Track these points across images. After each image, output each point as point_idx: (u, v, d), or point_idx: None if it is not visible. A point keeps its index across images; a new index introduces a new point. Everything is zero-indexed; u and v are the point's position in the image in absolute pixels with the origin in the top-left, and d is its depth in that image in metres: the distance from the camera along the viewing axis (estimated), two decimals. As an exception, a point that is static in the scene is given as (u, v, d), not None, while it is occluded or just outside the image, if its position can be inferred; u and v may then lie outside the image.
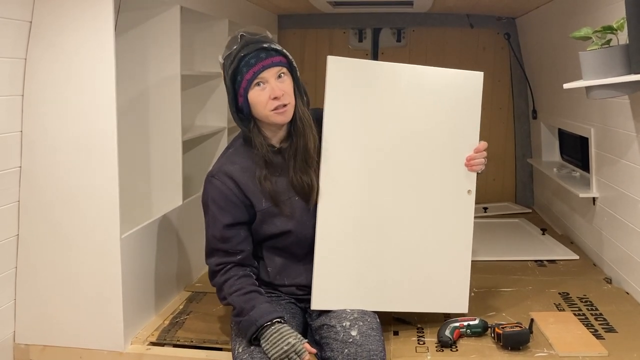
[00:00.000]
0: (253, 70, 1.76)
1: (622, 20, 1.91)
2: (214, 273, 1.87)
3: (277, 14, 3.98)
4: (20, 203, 2.09)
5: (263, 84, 1.78)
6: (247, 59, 1.77)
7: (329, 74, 1.85)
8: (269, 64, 1.78)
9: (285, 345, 1.67)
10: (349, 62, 1.90)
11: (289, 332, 1.70)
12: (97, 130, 2.02)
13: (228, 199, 1.84)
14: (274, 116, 1.79)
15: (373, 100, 1.92)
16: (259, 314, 1.73)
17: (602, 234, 2.69)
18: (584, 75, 1.99)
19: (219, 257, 1.86)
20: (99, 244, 2.06)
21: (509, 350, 1.91)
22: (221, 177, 1.85)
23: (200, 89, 3.10)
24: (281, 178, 1.88)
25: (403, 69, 1.96)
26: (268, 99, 1.77)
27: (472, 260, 2.77)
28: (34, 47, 2.02)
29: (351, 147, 1.91)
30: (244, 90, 1.79)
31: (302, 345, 1.69)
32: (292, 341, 1.68)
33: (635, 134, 2.26)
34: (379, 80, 1.93)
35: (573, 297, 2.36)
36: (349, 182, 1.91)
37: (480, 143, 1.99)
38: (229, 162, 1.88)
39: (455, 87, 1.98)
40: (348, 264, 1.92)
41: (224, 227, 1.84)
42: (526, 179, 4.07)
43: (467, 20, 3.94)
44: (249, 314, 1.74)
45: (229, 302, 1.83)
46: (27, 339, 2.14)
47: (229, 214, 1.84)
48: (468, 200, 2.02)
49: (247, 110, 1.83)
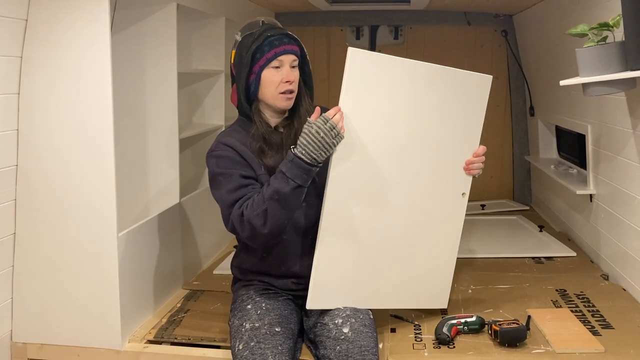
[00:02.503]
0: (275, 50, 1.85)
1: (618, 17, 1.91)
2: (240, 216, 1.76)
3: (274, 12, 3.98)
4: (16, 201, 2.08)
5: (279, 67, 1.86)
6: (272, 39, 1.86)
7: (349, 66, 1.82)
8: (290, 49, 1.87)
9: (319, 133, 1.71)
10: (369, 54, 1.87)
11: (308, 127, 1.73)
12: (94, 128, 2.02)
13: (234, 159, 1.85)
14: (280, 99, 1.88)
15: (387, 96, 1.88)
16: (281, 164, 1.75)
17: (599, 230, 2.69)
18: (581, 72, 1.99)
19: (238, 205, 1.78)
20: (96, 242, 2.05)
21: (506, 347, 1.91)
22: (221, 147, 1.88)
23: (197, 87, 3.10)
24: (277, 155, 1.89)
25: (419, 66, 1.91)
26: (280, 81, 1.85)
27: (470, 257, 2.80)
28: (30, 45, 2.02)
29: (362, 142, 1.86)
30: (259, 68, 1.86)
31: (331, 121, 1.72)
32: (319, 126, 1.71)
33: (632, 130, 2.26)
34: (395, 76, 1.88)
35: (570, 294, 2.36)
36: (357, 180, 1.88)
37: (480, 147, 2.00)
38: (226, 136, 1.92)
39: (465, 88, 1.96)
40: (346, 265, 1.92)
41: (240, 177, 1.82)
42: (524, 176, 4.08)
43: (464, 18, 3.94)
44: (278, 179, 1.72)
45: (265, 208, 1.72)
46: (25, 338, 2.14)
47: (240, 168, 1.84)
48: (461, 202, 2.03)
49: (253, 89, 1.89)
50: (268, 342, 1.76)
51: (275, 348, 1.74)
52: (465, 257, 2.74)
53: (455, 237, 2.06)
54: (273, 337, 1.78)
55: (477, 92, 1.98)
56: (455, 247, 2.07)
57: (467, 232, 2.39)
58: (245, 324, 1.83)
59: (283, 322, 1.85)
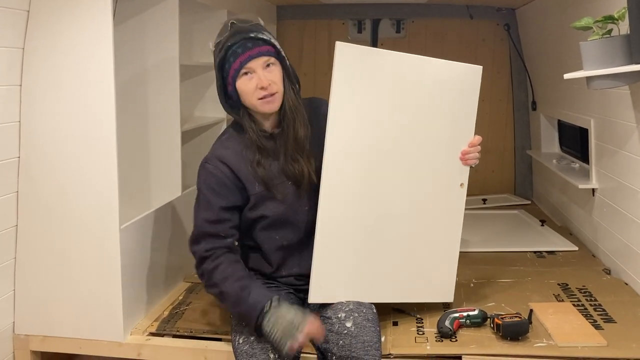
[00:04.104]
0: (240, 60, 1.77)
1: (623, 10, 1.90)
2: (203, 259, 1.80)
3: (276, 5, 3.96)
4: (19, 193, 2.08)
5: (250, 74, 1.79)
6: (234, 48, 1.78)
7: (337, 60, 1.82)
8: (256, 53, 1.78)
9: (284, 322, 1.66)
10: (357, 48, 1.87)
11: (287, 310, 1.69)
12: (96, 120, 2.01)
13: (222, 183, 1.83)
14: (261, 105, 1.81)
15: (377, 89, 1.90)
16: (257, 299, 1.71)
17: (601, 225, 2.69)
18: (585, 66, 1.98)
19: (209, 243, 1.81)
20: (98, 235, 2.05)
21: (508, 340, 1.91)
22: (214, 162, 1.85)
23: (199, 79, 3.09)
24: (274, 162, 1.87)
25: (408, 58, 1.94)
26: (255, 88, 1.78)
27: (472, 252, 2.80)
28: (32, 37, 2.01)
29: (355, 136, 1.88)
30: (232, 79, 1.81)
31: (301, 319, 1.66)
32: (289, 317, 1.66)
33: (636, 124, 2.25)
34: (384, 69, 1.90)
35: (572, 288, 2.36)
36: (352, 173, 1.89)
37: (475, 137, 2.00)
38: (222, 147, 1.89)
39: (455, 79, 1.98)
40: (346, 258, 1.92)
41: (220, 210, 1.82)
42: (525, 171, 4.07)
43: (466, 11, 3.92)
44: (247, 302, 1.71)
45: (221, 291, 1.77)
46: (27, 330, 2.14)
47: (224, 197, 1.83)
48: (460, 193, 2.03)
49: (236, 98, 1.84)
50: (269, 336, 1.75)
51: (275, 342, 1.74)
52: (467, 251, 2.74)
53: (456, 229, 2.06)
54: (274, 331, 1.77)
55: (468, 83, 2.00)
56: (457, 240, 2.07)
57: (468, 226, 2.39)
58: (245, 318, 1.83)
59: (284, 316, 1.85)
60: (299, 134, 1.85)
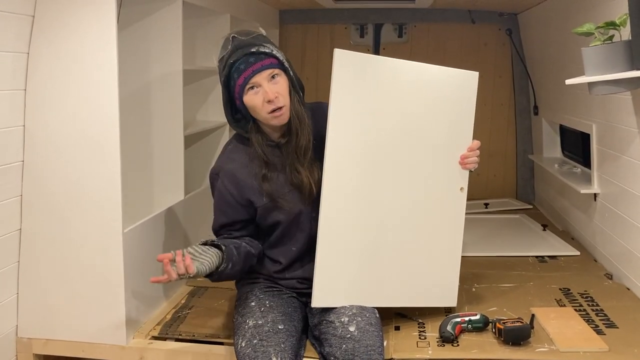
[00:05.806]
0: (244, 75, 1.79)
1: (625, 16, 1.91)
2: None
3: (278, 9, 3.98)
4: (22, 197, 2.09)
5: (256, 88, 1.80)
6: (237, 64, 1.80)
7: (335, 67, 1.84)
8: (259, 67, 1.79)
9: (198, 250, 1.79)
10: (355, 55, 1.89)
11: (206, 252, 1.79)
12: (100, 124, 2.02)
13: (226, 201, 1.92)
14: (271, 118, 1.83)
15: (376, 96, 1.92)
16: None
17: (603, 229, 2.69)
18: (587, 71, 1.99)
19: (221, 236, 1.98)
20: (101, 238, 2.06)
21: (510, 345, 1.91)
22: (221, 177, 1.91)
23: (202, 84, 3.10)
24: (281, 174, 1.90)
25: (406, 65, 1.97)
26: (263, 101, 1.80)
27: (474, 256, 2.80)
28: (37, 42, 2.02)
29: (354, 142, 1.90)
30: (238, 95, 1.83)
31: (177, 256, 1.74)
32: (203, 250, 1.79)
33: (637, 129, 2.26)
34: (382, 76, 1.93)
35: (574, 293, 2.36)
36: (352, 179, 1.91)
37: (474, 142, 2.02)
38: (229, 160, 1.92)
39: (452, 85, 2.00)
40: (348, 262, 1.93)
41: (220, 227, 1.96)
42: (527, 175, 4.07)
43: (468, 16, 3.93)
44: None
45: None
46: (30, 333, 2.15)
47: (224, 215, 1.94)
48: (460, 197, 2.04)
49: (245, 111, 1.87)
50: (271, 339, 1.76)
51: (277, 345, 1.75)
52: (469, 256, 2.74)
53: (457, 233, 2.06)
54: (276, 334, 1.78)
55: (465, 89, 2.02)
56: (458, 244, 2.07)
57: (470, 230, 2.40)
58: (248, 321, 1.84)
59: (286, 320, 1.86)
60: (302, 144, 1.88)
